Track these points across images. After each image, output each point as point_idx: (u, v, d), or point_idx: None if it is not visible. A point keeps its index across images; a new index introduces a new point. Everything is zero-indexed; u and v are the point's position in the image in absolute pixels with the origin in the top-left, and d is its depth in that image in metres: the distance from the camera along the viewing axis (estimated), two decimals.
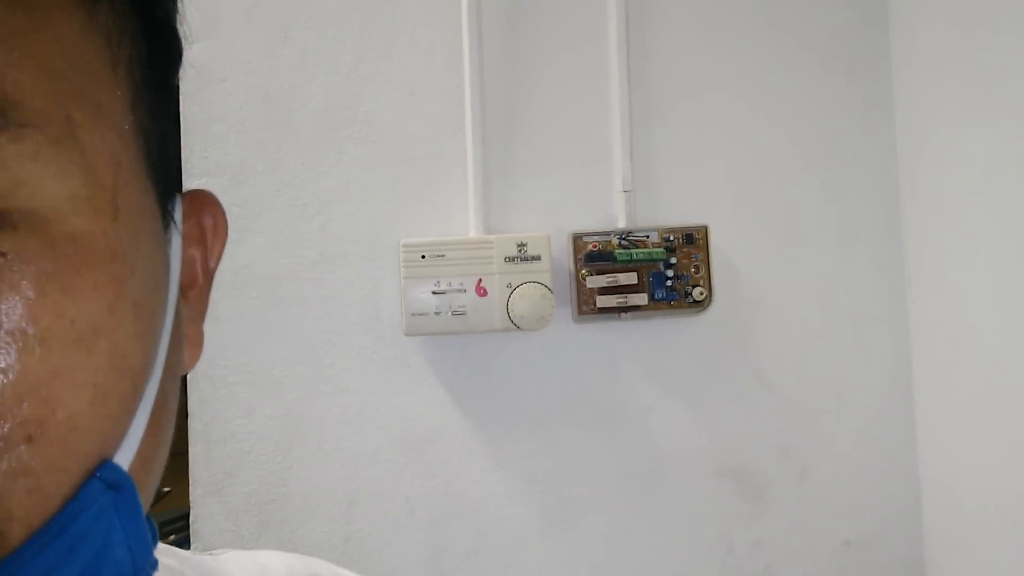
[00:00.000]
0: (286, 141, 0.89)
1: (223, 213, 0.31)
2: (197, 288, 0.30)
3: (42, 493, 0.20)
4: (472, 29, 0.87)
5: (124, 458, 0.22)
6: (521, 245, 0.85)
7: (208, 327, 0.31)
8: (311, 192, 0.89)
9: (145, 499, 0.24)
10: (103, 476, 0.21)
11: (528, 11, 0.91)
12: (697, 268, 0.88)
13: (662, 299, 0.87)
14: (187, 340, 0.29)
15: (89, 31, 0.23)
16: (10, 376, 0.20)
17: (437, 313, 0.83)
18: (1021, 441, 0.75)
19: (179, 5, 0.28)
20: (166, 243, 0.27)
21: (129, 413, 0.23)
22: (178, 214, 0.28)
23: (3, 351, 0.20)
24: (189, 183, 0.87)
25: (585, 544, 0.90)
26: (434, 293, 0.83)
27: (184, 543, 1.04)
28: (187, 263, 0.29)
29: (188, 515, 0.87)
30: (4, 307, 0.20)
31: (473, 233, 0.88)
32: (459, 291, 0.84)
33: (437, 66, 0.90)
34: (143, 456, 0.23)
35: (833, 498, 0.92)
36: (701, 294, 0.87)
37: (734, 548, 0.91)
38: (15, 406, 0.20)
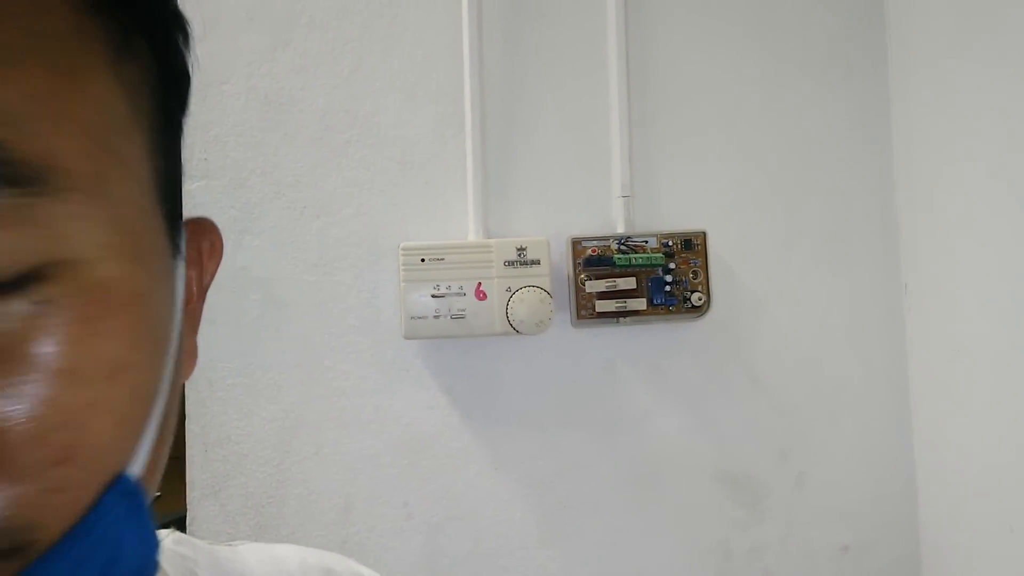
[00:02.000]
0: (286, 143, 0.89)
1: (220, 238, 0.34)
2: (192, 304, 0.33)
3: (70, 507, 0.23)
4: (472, 33, 0.88)
5: (135, 470, 0.25)
6: (520, 249, 0.85)
7: (206, 329, 0.32)
8: (310, 195, 0.89)
9: (149, 500, 0.27)
10: (119, 488, 0.24)
11: (528, 16, 0.91)
12: (695, 273, 0.88)
13: (660, 304, 0.87)
14: (184, 353, 0.31)
15: (116, 88, 0.26)
16: (50, 408, 0.23)
17: (436, 316, 0.83)
18: (1018, 446, 0.75)
19: (191, 41, 0.30)
20: (173, 273, 0.29)
21: (142, 433, 0.26)
22: (183, 245, 0.31)
23: (45, 385, 0.22)
24: (188, 186, 0.87)
25: (582, 548, 0.90)
26: (433, 296, 0.83)
27: None
28: (185, 282, 0.32)
29: (184, 519, 0.87)
30: (48, 349, 0.23)
31: (472, 237, 0.88)
32: (458, 295, 0.84)
33: (437, 69, 0.90)
34: (149, 465, 0.26)
35: (830, 503, 0.92)
36: (699, 299, 0.88)
37: (731, 553, 0.91)
38: (52, 433, 0.23)
